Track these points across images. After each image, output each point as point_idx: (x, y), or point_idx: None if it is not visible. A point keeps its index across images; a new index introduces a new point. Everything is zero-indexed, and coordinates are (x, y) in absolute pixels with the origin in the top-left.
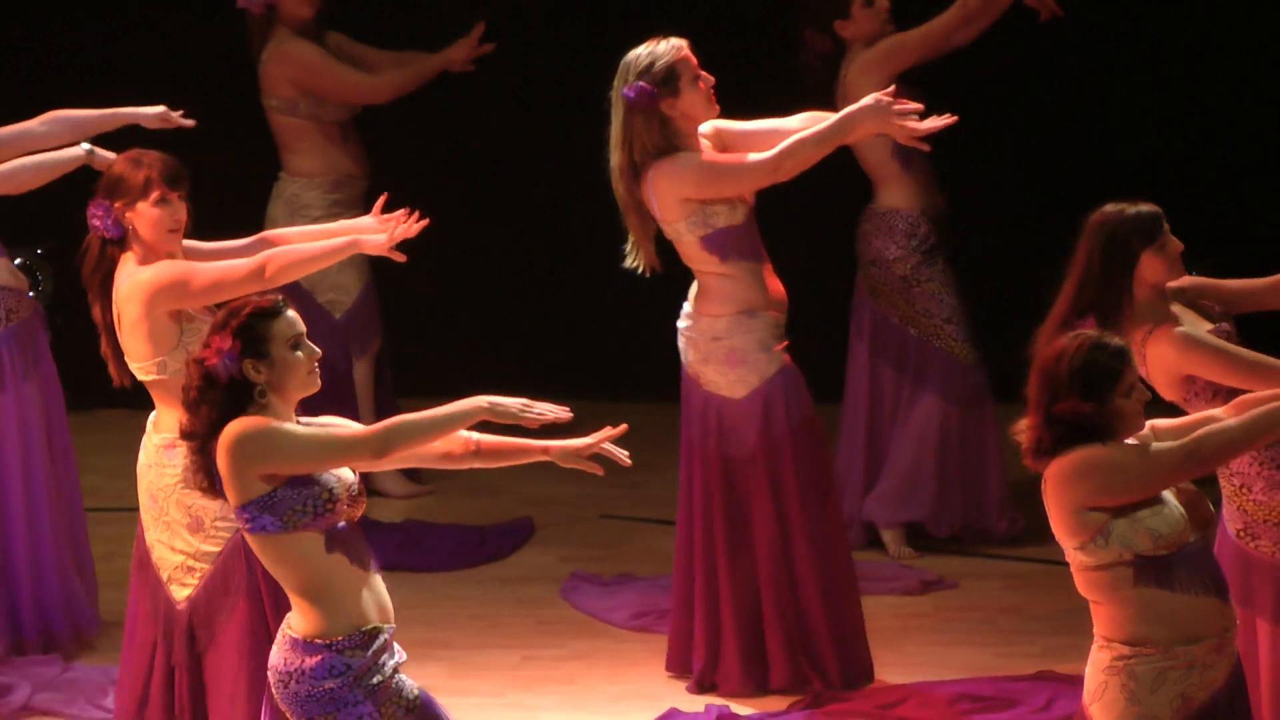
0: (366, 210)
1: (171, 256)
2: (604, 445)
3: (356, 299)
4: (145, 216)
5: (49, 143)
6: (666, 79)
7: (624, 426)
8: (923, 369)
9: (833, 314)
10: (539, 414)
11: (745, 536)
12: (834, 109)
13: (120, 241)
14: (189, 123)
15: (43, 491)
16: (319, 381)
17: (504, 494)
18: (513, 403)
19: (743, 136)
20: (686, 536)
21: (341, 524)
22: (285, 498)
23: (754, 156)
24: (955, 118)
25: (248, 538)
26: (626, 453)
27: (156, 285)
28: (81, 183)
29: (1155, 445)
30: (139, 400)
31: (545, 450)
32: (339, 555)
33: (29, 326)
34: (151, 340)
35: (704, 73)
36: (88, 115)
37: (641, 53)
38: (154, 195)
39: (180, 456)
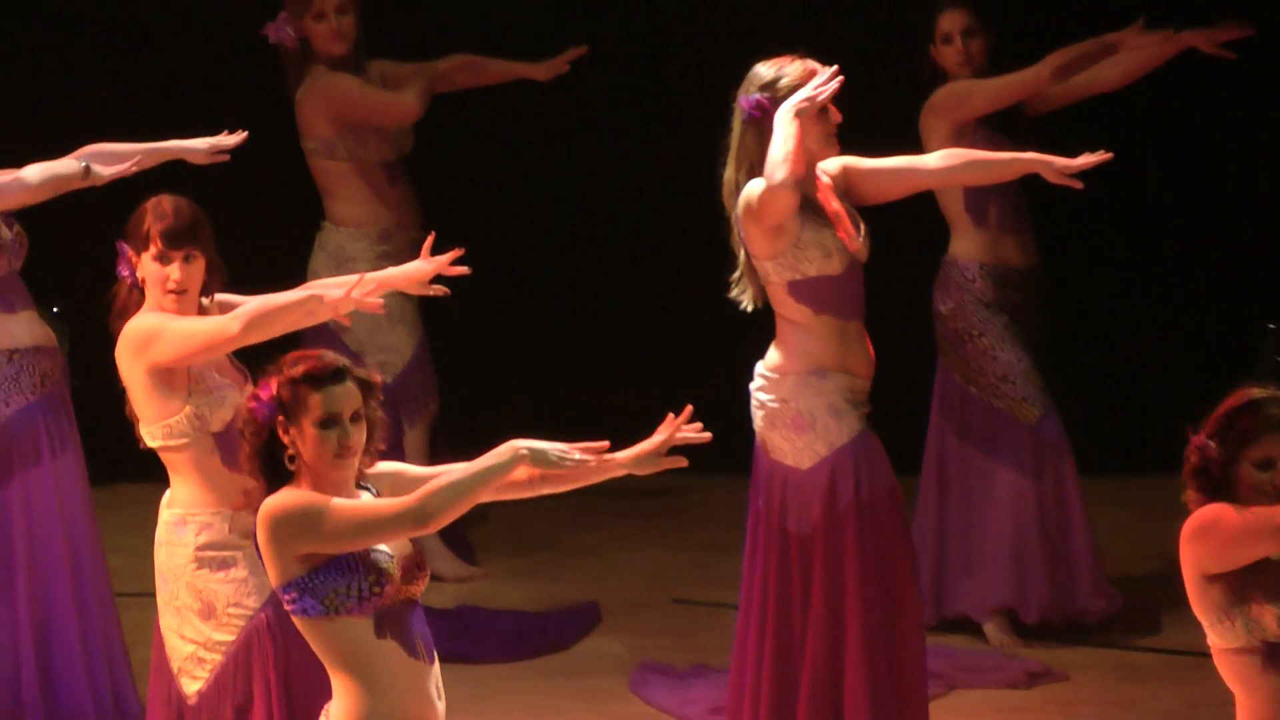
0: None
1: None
2: (679, 435)
3: (410, 360)
4: (146, 270)
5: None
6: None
7: (689, 408)
8: (989, 434)
9: (925, 375)
10: (579, 460)
11: (794, 628)
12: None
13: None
14: (238, 138)
15: (89, 576)
16: (351, 468)
17: (565, 577)
18: (550, 448)
19: (871, 175)
20: (744, 624)
21: (396, 604)
22: (327, 580)
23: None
24: (1110, 155)
25: (293, 618)
26: (701, 427)
27: (130, 340)
28: (102, 235)
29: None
30: (162, 472)
31: (618, 462)
32: (391, 642)
33: (61, 392)
34: (151, 401)
35: (833, 107)
36: (127, 150)
37: (768, 67)
38: (153, 250)
39: (192, 534)
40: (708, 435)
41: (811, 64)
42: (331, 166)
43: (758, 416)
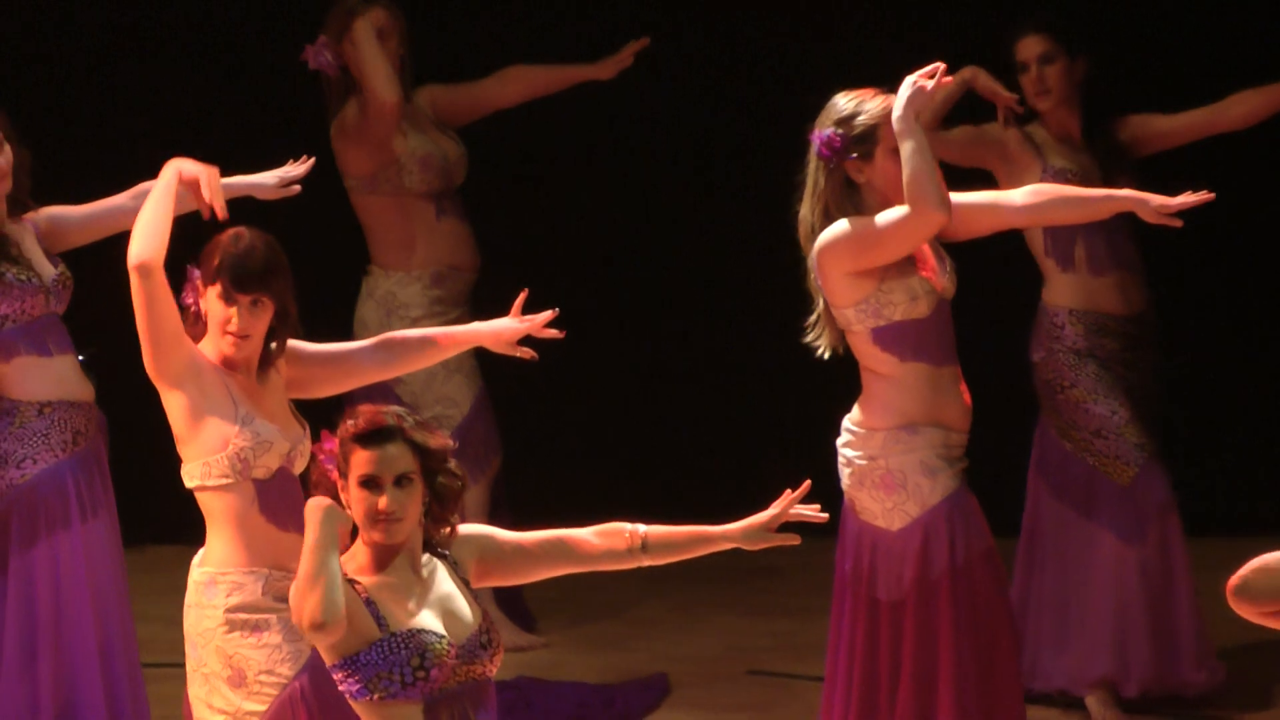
0: (473, 308)
1: (231, 365)
2: (792, 510)
3: (468, 413)
4: (210, 305)
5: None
6: (862, 138)
7: (807, 483)
8: (1087, 493)
9: (1027, 426)
10: None
11: (882, 703)
12: None
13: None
14: (306, 166)
15: (118, 653)
16: (396, 536)
17: (631, 647)
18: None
19: (954, 210)
20: (829, 698)
21: (453, 686)
22: (370, 662)
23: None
24: (1212, 195)
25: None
26: (820, 507)
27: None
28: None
29: None
30: (197, 532)
31: (726, 535)
32: None
33: (96, 450)
34: (190, 431)
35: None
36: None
37: (848, 99)
38: (217, 287)
39: (223, 595)
40: (824, 516)
41: (894, 98)
42: (373, 203)
43: (845, 474)
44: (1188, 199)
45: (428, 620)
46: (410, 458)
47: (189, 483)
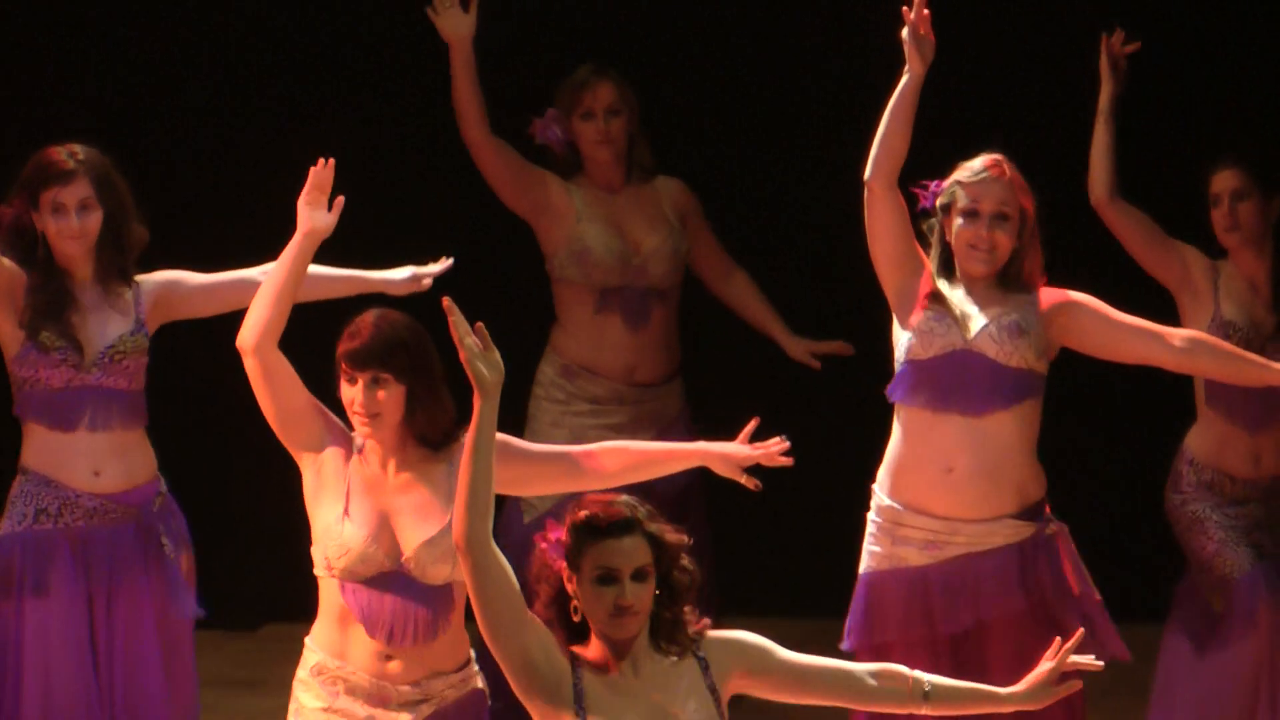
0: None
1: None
2: (1069, 660)
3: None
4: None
5: None
6: (949, 200)
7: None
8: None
9: None
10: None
11: None
12: None
13: None
14: (442, 266)
15: None
16: (631, 630)
17: None
18: None
19: (1105, 325)
20: None
21: None
22: None
23: None
24: None
25: None
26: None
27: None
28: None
29: None
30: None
31: (1012, 696)
32: None
33: (78, 535)
34: (310, 510)
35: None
36: (323, 275)
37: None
38: (342, 370)
39: (315, 696)
40: (1099, 664)
41: (995, 158)
42: (558, 289)
43: None
44: None
45: (628, 714)
46: (647, 551)
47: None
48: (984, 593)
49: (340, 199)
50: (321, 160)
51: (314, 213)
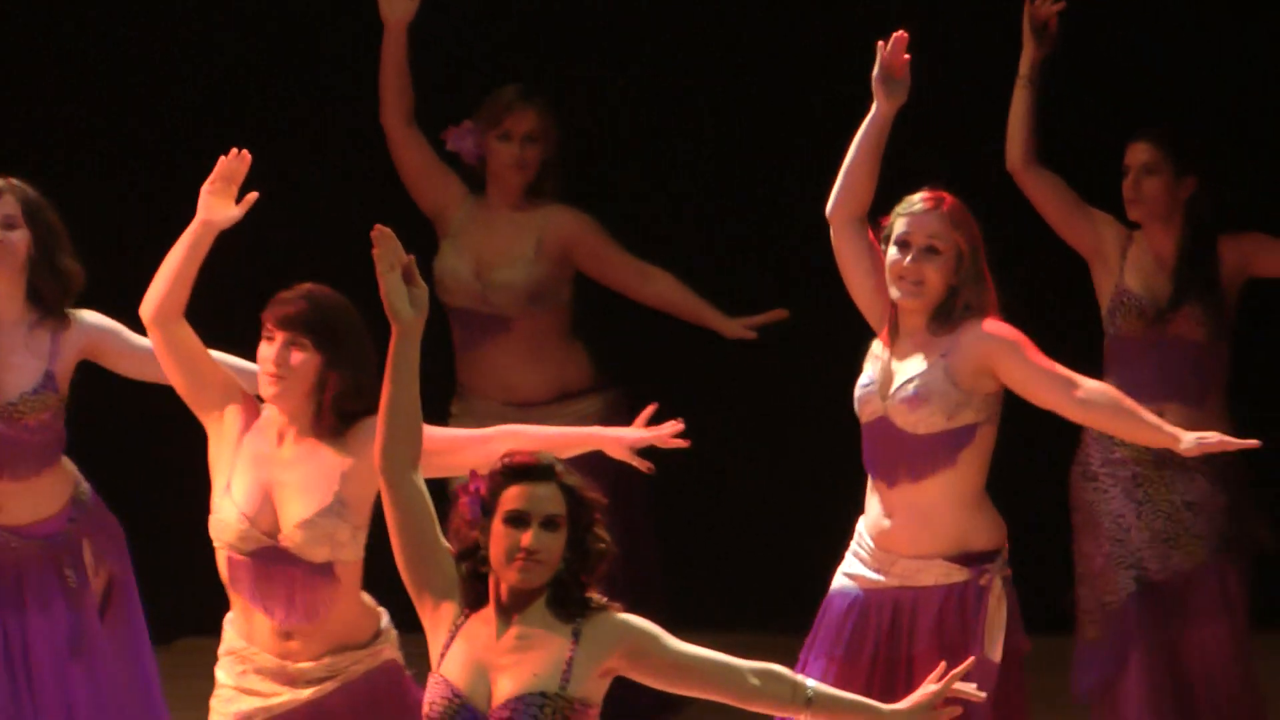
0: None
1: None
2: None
3: None
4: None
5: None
6: (889, 232)
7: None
8: None
9: None
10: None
11: None
12: None
13: None
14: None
15: None
16: (531, 582)
17: None
18: None
19: (1025, 371)
20: None
21: None
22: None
23: None
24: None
25: None
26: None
27: None
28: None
29: None
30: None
31: (894, 714)
32: None
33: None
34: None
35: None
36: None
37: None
38: (264, 327)
39: (227, 674)
40: (982, 695)
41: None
42: None
43: None
44: (1223, 443)
45: (453, 671)
46: (561, 501)
47: None
48: (918, 628)
49: (252, 195)
50: (235, 150)
51: (215, 202)
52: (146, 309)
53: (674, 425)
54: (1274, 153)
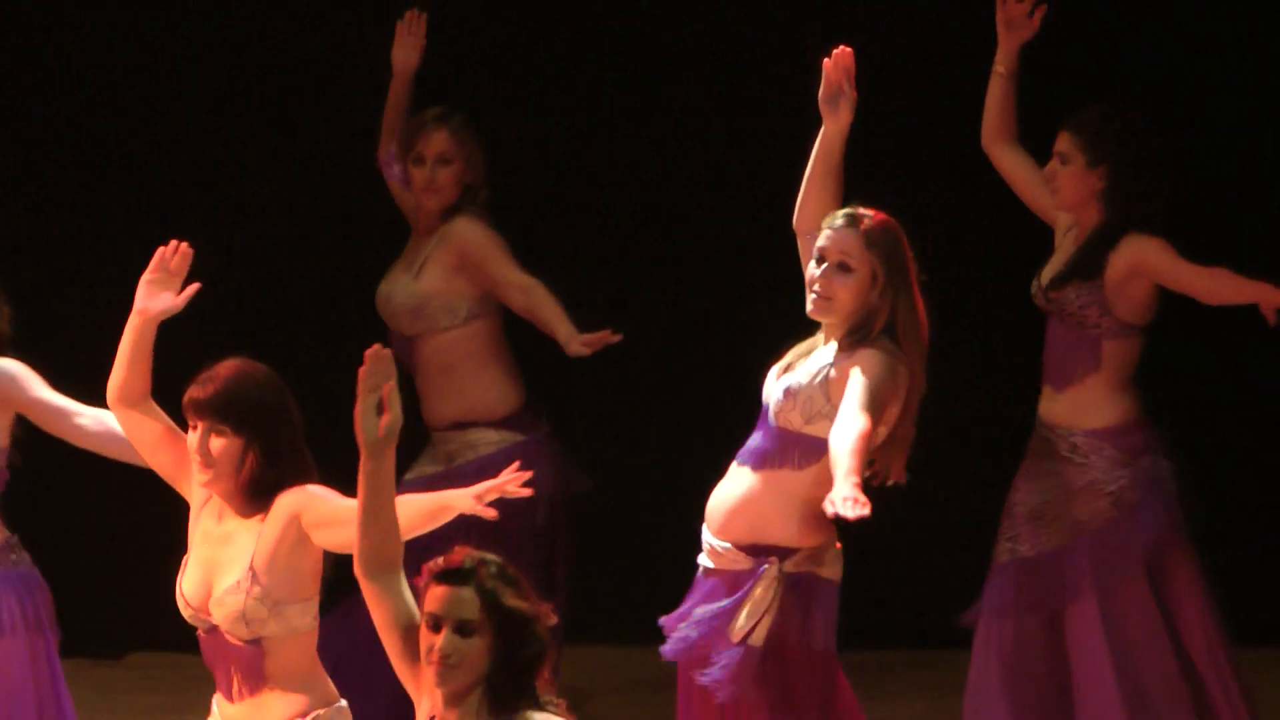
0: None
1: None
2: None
3: None
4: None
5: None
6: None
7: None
8: None
9: None
10: None
11: None
12: None
13: None
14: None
15: None
16: (450, 684)
17: None
18: None
19: None
20: None
21: None
22: None
23: None
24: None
25: None
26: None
27: None
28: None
29: None
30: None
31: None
32: None
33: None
34: None
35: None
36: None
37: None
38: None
39: None
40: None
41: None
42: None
43: None
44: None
45: None
46: (477, 608)
47: None
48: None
49: (195, 286)
50: (175, 243)
51: (154, 292)
52: (109, 394)
53: (517, 473)
54: (1247, 141)
